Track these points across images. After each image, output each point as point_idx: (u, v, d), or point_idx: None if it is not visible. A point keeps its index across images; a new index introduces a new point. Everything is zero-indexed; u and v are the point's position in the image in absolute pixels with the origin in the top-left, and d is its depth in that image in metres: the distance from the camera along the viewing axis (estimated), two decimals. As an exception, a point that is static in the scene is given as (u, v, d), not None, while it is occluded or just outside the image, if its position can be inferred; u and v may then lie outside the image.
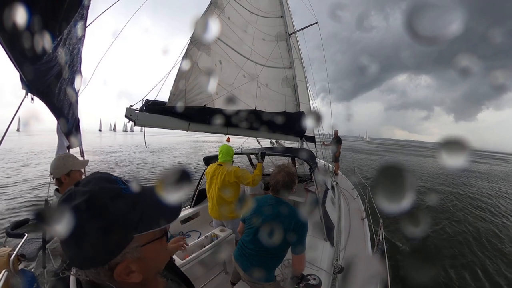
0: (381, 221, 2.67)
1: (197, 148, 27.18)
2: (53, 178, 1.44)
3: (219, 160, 2.72)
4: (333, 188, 4.07)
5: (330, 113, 6.35)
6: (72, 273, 0.45)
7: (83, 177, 1.54)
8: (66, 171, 1.44)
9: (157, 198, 0.47)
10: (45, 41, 0.97)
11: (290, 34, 4.46)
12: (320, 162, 5.32)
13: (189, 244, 2.40)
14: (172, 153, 20.70)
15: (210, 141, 41.65)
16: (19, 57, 0.94)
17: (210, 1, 3.05)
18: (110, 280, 0.44)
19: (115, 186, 0.46)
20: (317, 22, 4.65)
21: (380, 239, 2.45)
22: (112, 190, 0.45)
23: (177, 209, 0.51)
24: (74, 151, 1.92)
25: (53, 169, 1.45)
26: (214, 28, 2.76)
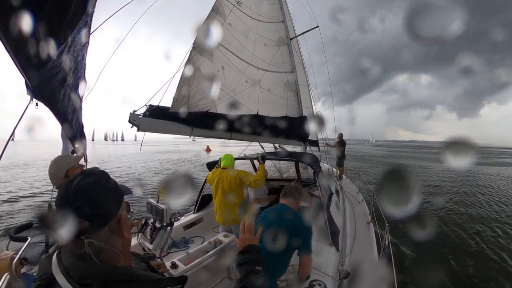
0: (387, 224, 2.63)
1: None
2: (56, 187, 1.41)
3: (222, 165, 2.74)
4: (337, 192, 4.03)
5: (333, 116, 6.35)
6: (86, 241, 0.51)
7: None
8: (62, 174, 1.40)
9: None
10: (50, 48, 0.99)
11: (291, 39, 4.49)
12: (324, 166, 5.29)
13: (192, 250, 2.39)
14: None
15: (176, 151, 35.26)
16: (24, 63, 0.96)
17: (212, 8, 3.10)
18: (114, 236, 0.57)
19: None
20: (318, 26, 4.69)
21: (386, 243, 2.41)
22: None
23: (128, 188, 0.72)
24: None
25: (51, 179, 1.41)
26: (216, 34, 2.80)
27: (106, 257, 0.54)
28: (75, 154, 1.52)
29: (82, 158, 1.62)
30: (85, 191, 0.53)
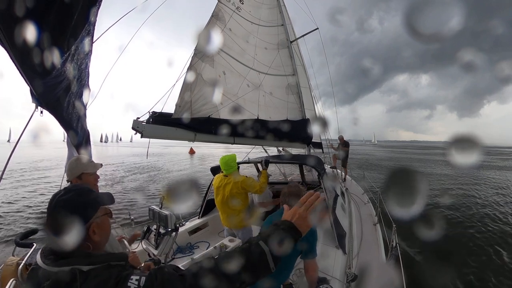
0: (394, 225, 2.59)
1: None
2: (68, 181, 1.45)
3: (223, 172, 2.68)
4: (342, 194, 3.99)
5: (336, 117, 6.33)
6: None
7: (98, 181, 1.53)
8: (77, 173, 1.43)
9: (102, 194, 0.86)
10: (54, 57, 1.01)
11: (291, 42, 4.52)
12: (328, 168, 5.25)
13: (197, 255, 2.37)
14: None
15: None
16: (29, 72, 0.98)
17: (212, 14, 3.14)
18: (86, 237, 0.71)
19: (88, 187, 0.81)
20: (317, 28, 4.71)
21: (394, 244, 2.37)
22: (86, 187, 0.80)
23: (112, 198, 0.89)
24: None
25: (67, 171, 1.45)
26: (216, 40, 2.84)
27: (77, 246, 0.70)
28: (94, 162, 1.56)
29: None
30: (60, 205, 0.70)
